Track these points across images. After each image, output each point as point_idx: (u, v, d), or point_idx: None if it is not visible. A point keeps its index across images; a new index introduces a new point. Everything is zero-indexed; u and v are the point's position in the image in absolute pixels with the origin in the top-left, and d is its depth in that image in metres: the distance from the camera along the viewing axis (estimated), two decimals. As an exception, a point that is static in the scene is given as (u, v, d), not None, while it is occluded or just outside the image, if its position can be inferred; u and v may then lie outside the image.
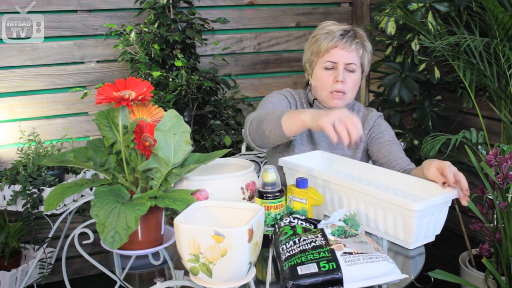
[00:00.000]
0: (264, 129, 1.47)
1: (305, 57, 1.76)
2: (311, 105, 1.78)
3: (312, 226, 1.24)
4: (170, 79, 2.36)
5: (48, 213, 2.13)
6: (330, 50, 1.66)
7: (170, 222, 1.24)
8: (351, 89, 1.69)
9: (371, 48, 1.75)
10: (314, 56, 1.71)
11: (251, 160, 2.05)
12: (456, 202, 2.05)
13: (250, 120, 1.58)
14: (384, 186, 1.45)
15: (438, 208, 1.28)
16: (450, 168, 1.31)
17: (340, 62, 1.66)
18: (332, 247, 1.09)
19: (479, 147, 2.17)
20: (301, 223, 1.24)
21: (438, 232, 1.33)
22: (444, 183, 1.32)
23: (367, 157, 1.76)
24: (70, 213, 2.36)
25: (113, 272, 1.27)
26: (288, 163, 1.53)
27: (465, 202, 1.29)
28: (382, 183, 1.46)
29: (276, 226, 1.26)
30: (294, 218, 1.26)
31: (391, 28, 2.42)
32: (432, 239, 1.32)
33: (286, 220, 1.25)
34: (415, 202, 1.21)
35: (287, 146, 1.75)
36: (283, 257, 1.12)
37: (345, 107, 1.74)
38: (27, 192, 2.09)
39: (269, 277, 1.17)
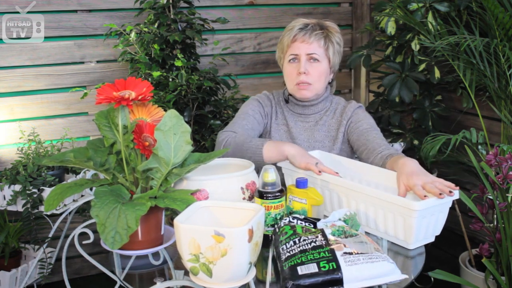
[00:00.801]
0: (243, 155, 1.56)
1: (276, 56, 1.86)
2: (286, 100, 1.84)
3: (312, 226, 1.24)
4: (170, 79, 2.36)
5: (48, 213, 2.13)
6: (290, 44, 1.74)
7: (170, 222, 1.24)
8: (316, 79, 1.73)
9: (340, 40, 1.79)
10: (280, 52, 1.80)
11: (251, 160, 2.05)
12: (456, 202, 2.06)
13: (225, 140, 1.64)
14: (383, 186, 1.45)
15: (438, 209, 1.28)
16: (417, 187, 1.29)
17: (301, 53, 1.72)
18: (332, 247, 1.09)
19: (479, 147, 2.17)
20: (301, 223, 1.24)
21: (438, 233, 1.33)
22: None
23: (350, 148, 1.79)
24: (70, 213, 2.36)
25: (113, 272, 1.27)
26: (287, 163, 1.53)
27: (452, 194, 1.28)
28: (381, 183, 1.46)
29: (276, 226, 1.26)
30: (293, 218, 1.26)
31: (391, 28, 2.42)
32: (432, 239, 1.32)
33: (285, 219, 1.25)
34: (416, 201, 1.22)
35: None
36: (283, 257, 1.12)
37: (320, 100, 1.79)
38: (27, 192, 2.09)
39: (269, 277, 1.17)
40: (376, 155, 1.59)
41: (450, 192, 1.26)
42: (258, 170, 1.38)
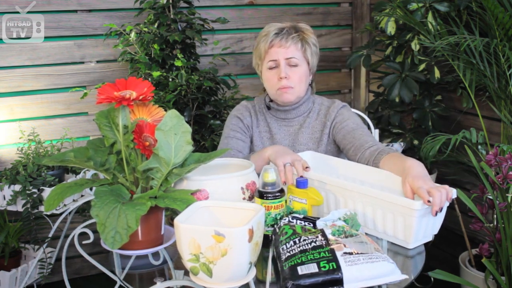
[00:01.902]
0: None
1: (253, 63, 1.83)
2: (268, 107, 1.82)
3: (311, 225, 1.24)
4: (170, 79, 2.36)
5: (48, 213, 2.13)
6: (268, 50, 1.72)
7: (170, 222, 1.24)
8: (297, 83, 1.72)
9: (315, 41, 1.77)
10: (258, 59, 1.78)
11: (251, 160, 2.05)
12: (456, 202, 2.06)
13: None
14: (378, 186, 1.45)
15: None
16: (422, 189, 1.24)
17: (280, 58, 1.70)
18: (332, 247, 1.09)
19: (479, 147, 2.17)
20: (300, 222, 1.24)
21: (436, 232, 1.33)
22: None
23: (335, 148, 1.77)
24: (70, 213, 2.36)
25: (113, 272, 1.27)
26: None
27: (433, 213, 1.23)
28: (376, 183, 1.46)
29: (276, 226, 1.26)
30: (292, 218, 1.26)
31: (391, 28, 2.42)
32: (430, 238, 1.32)
33: (285, 219, 1.25)
34: (416, 201, 1.21)
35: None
36: (283, 257, 1.12)
37: (302, 102, 1.78)
38: (27, 192, 2.09)
39: (269, 277, 1.17)
40: (363, 151, 1.58)
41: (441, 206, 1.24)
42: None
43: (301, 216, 1.28)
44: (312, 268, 1.05)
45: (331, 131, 1.75)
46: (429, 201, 1.21)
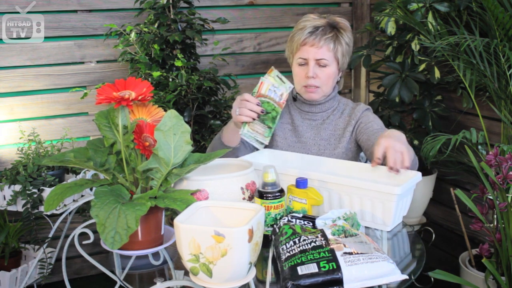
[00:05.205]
0: (216, 144, 1.77)
1: (286, 52, 1.85)
2: (294, 98, 1.86)
3: (311, 224, 1.24)
4: (170, 79, 2.36)
5: (48, 213, 2.13)
6: (300, 47, 1.74)
7: (170, 222, 1.24)
8: (324, 83, 1.75)
9: (349, 39, 1.79)
10: (290, 52, 1.81)
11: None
12: (456, 202, 2.06)
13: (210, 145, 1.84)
14: (346, 176, 1.49)
15: (409, 191, 1.39)
16: (378, 147, 1.36)
17: (310, 58, 1.71)
18: (332, 247, 1.09)
19: (479, 147, 2.17)
20: (299, 222, 1.24)
21: (405, 213, 1.42)
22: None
23: (356, 147, 1.79)
24: (70, 213, 2.36)
25: (113, 272, 1.27)
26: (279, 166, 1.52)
27: (393, 171, 1.34)
28: (342, 173, 1.53)
29: (275, 226, 1.26)
30: (292, 217, 1.26)
31: (391, 28, 2.42)
32: (400, 220, 1.41)
33: (284, 219, 1.25)
34: (395, 187, 1.28)
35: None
36: (283, 257, 1.12)
37: (328, 100, 1.82)
38: (27, 192, 2.09)
39: (269, 277, 1.17)
40: None
41: (397, 171, 1.34)
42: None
43: (300, 215, 1.28)
44: (312, 268, 1.05)
45: (355, 130, 1.78)
46: (378, 158, 1.32)
